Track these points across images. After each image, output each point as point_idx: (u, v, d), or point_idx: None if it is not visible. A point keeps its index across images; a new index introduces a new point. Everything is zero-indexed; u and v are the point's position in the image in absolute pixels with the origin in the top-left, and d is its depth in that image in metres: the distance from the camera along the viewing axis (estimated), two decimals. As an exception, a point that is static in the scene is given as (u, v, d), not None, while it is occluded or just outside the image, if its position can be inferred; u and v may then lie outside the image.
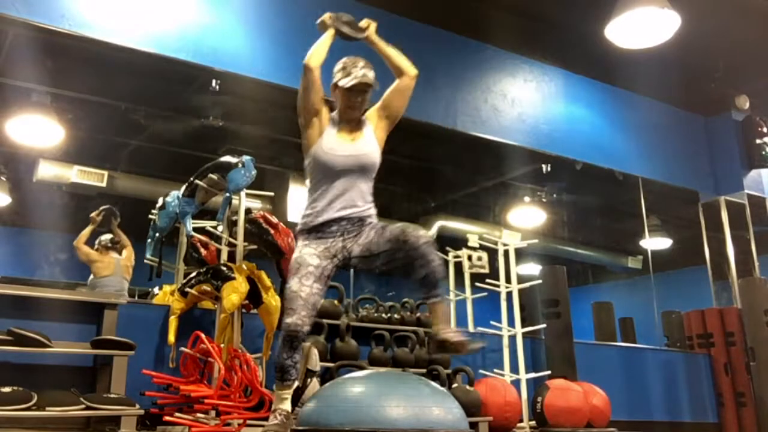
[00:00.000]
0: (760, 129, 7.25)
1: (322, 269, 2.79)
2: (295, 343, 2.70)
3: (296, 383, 2.84)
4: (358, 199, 2.87)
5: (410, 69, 3.01)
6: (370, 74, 2.93)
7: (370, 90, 2.95)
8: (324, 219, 2.83)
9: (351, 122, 2.96)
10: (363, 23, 3.05)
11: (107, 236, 5.32)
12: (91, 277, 5.24)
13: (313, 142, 2.92)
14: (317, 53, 2.91)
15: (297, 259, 2.80)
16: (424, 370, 4.27)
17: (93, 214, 5.24)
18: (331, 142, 2.88)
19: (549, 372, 5.03)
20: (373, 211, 2.94)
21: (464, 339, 2.69)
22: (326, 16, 3.03)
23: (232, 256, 3.87)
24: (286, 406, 2.73)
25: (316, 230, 2.85)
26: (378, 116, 3.02)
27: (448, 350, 2.72)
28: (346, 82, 2.89)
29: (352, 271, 4.77)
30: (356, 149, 2.89)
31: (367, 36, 3.04)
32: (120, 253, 5.33)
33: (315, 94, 2.90)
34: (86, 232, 5.22)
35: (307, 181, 2.97)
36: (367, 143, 2.93)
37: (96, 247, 5.27)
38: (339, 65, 2.96)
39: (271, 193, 4.83)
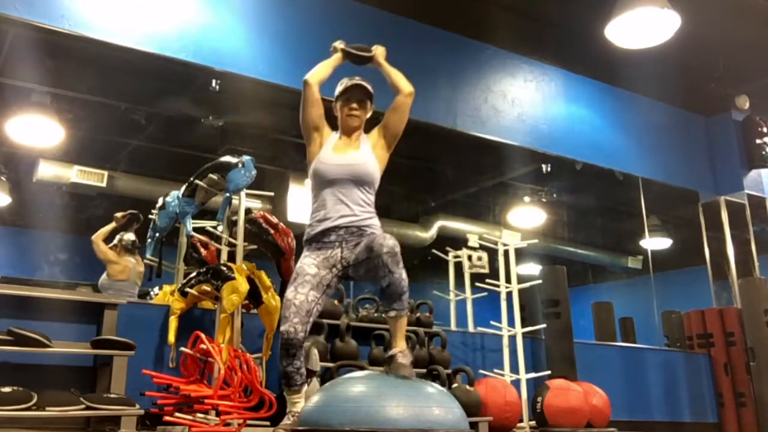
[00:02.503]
0: (760, 129, 7.25)
1: (320, 278, 2.87)
2: (291, 350, 2.76)
3: (305, 387, 2.86)
4: (355, 207, 2.95)
5: (405, 87, 3.11)
6: (365, 82, 3.07)
7: (365, 98, 3.09)
8: (323, 227, 2.93)
9: (350, 136, 3.08)
10: (373, 47, 3.19)
11: (130, 237, 5.21)
12: (105, 277, 5.14)
13: (313, 157, 3.06)
14: (318, 71, 3.07)
15: (297, 269, 2.91)
16: (424, 370, 4.27)
17: (117, 215, 5.16)
18: (326, 154, 3.03)
19: (549, 372, 5.03)
20: (373, 221, 2.99)
21: (407, 363, 2.71)
22: (337, 42, 3.19)
23: (232, 256, 3.87)
24: (298, 408, 2.78)
25: (316, 239, 2.94)
26: (378, 134, 3.13)
27: (393, 368, 2.72)
28: (341, 89, 3.07)
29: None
30: (350, 159, 3.01)
31: (374, 56, 3.17)
32: (134, 257, 5.27)
33: (314, 109, 3.04)
34: (106, 229, 5.12)
35: (311, 195, 3.07)
36: (362, 155, 3.04)
37: (115, 244, 5.19)
38: (338, 85, 3.11)
39: (271, 193, 4.83)
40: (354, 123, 3.07)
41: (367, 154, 3.04)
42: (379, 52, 3.18)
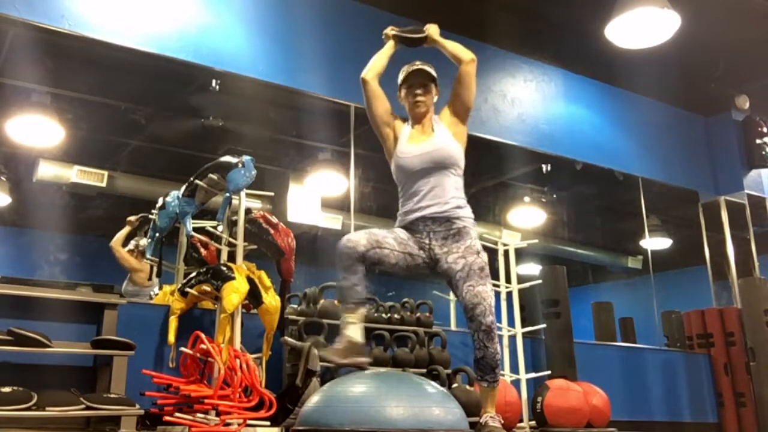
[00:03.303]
0: (760, 129, 7.25)
1: (406, 240, 2.88)
2: (344, 262, 2.71)
3: (363, 308, 2.80)
4: (441, 196, 2.92)
5: (466, 55, 3.08)
6: (426, 66, 3.03)
7: (429, 82, 3.05)
8: (411, 219, 2.93)
9: (421, 122, 3.03)
10: (426, 27, 3.16)
11: (146, 241, 5.24)
12: (130, 285, 5.12)
13: (391, 151, 3.02)
14: (373, 65, 3.02)
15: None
16: (424, 370, 4.27)
17: (131, 218, 5.16)
18: (404, 146, 2.98)
19: (549, 372, 5.03)
20: (462, 211, 2.97)
21: (500, 426, 2.83)
22: (388, 28, 3.15)
23: (232, 256, 3.87)
24: (351, 332, 2.71)
25: (406, 228, 2.95)
26: (450, 111, 3.09)
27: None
28: (402, 77, 3.02)
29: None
30: (428, 146, 2.96)
31: (428, 35, 3.13)
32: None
33: (379, 104, 3.00)
34: (123, 234, 5.12)
35: (398, 186, 3.07)
36: (440, 138, 2.99)
37: (131, 248, 5.18)
38: (400, 73, 3.07)
39: (271, 193, 4.82)
40: (421, 109, 3.03)
41: (444, 137, 2.99)
42: (432, 30, 3.13)
